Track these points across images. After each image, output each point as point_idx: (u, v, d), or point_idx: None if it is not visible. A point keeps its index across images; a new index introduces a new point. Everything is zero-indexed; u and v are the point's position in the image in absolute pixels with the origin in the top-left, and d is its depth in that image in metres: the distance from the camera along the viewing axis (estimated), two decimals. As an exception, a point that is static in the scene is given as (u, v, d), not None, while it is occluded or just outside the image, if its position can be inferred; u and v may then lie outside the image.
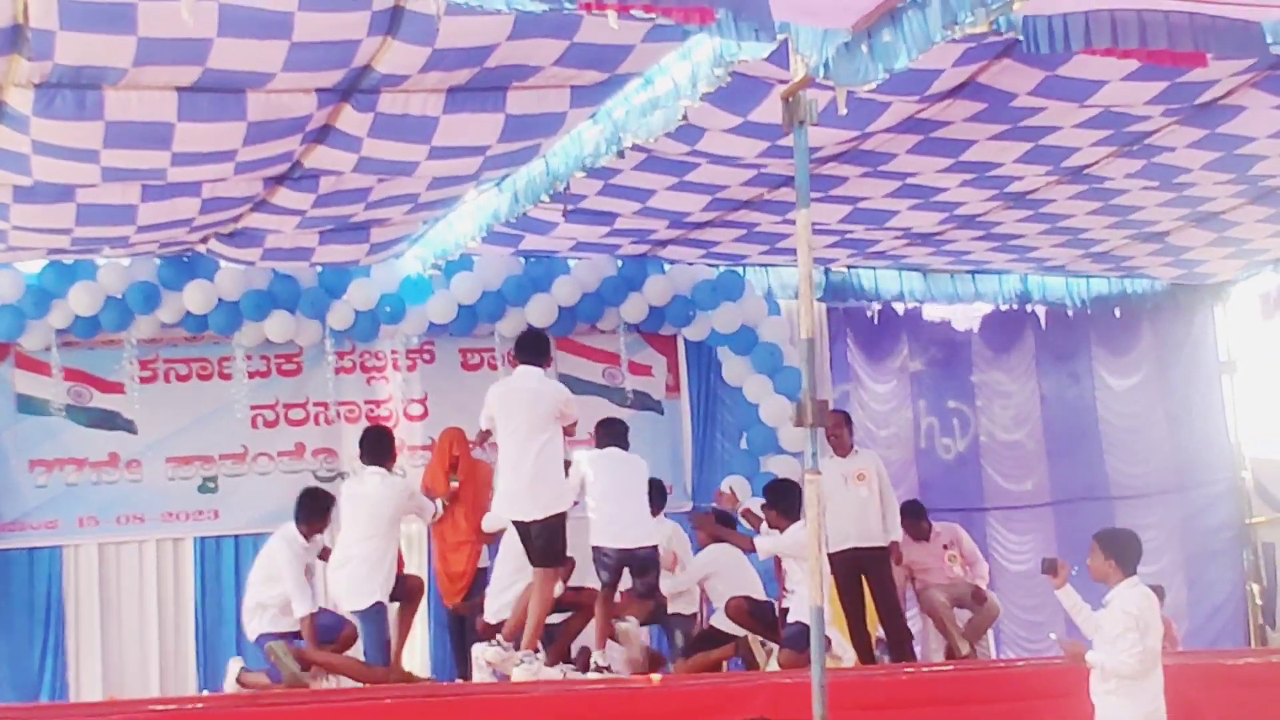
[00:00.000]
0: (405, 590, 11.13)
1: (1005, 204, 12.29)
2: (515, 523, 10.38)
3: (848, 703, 8.34)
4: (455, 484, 11.89)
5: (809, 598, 7.38)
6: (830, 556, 11.31)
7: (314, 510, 11.25)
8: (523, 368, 10.52)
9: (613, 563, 10.66)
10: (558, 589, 10.63)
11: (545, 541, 10.23)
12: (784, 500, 11.47)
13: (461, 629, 12.15)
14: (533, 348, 10.69)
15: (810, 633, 7.44)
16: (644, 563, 10.85)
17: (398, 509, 10.93)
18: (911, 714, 8.68)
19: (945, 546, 12.96)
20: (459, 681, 11.73)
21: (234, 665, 11.17)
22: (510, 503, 10.36)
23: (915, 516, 12.92)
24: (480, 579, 12.03)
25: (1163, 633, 8.66)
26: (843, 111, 7.93)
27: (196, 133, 9.03)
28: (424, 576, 12.08)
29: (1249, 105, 10.11)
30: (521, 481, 10.21)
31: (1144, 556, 8.69)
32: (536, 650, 10.33)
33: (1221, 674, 10.67)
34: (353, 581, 10.65)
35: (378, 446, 11.16)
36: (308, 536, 11.13)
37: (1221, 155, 11.12)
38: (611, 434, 11.15)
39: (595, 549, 10.67)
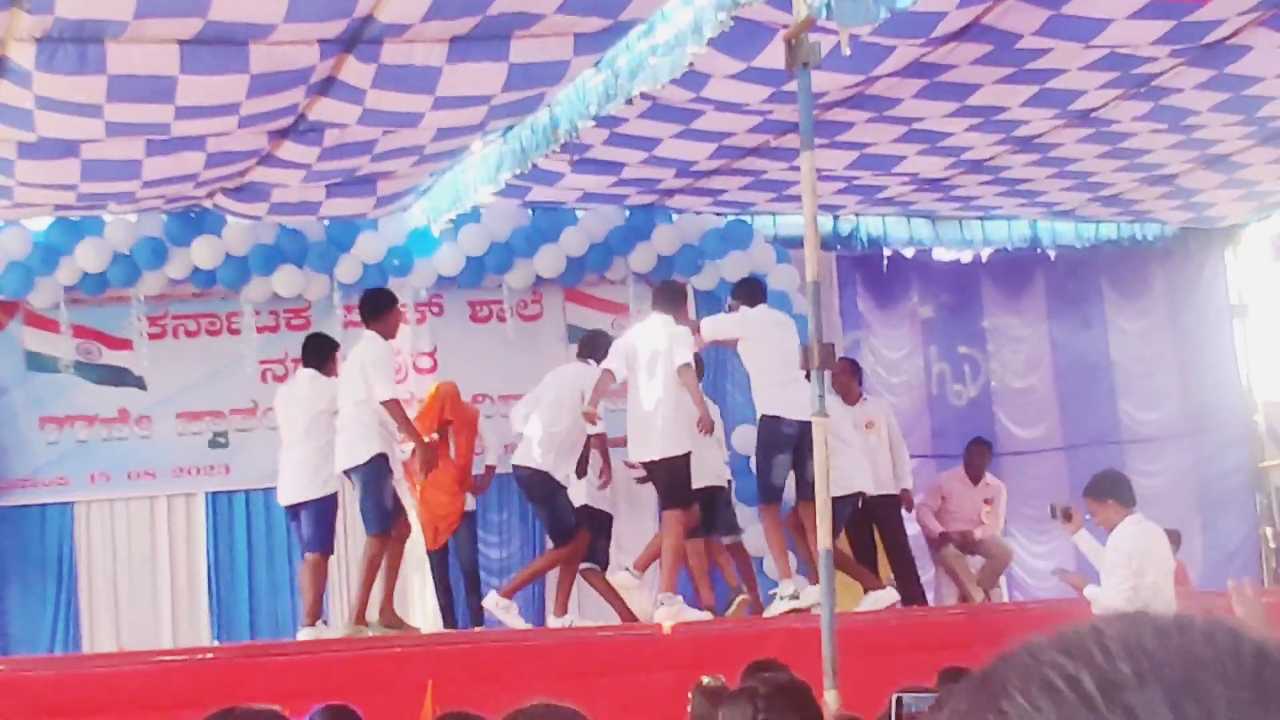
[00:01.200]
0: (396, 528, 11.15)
1: (1013, 148, 12.23)
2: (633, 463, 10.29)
3: (858, 646, 8.36)
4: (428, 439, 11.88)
5: (820, 538, 7.36)
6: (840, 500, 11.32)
7: None
8: (656, 315, 10.59)
9: (792, 435, 10.01)
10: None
11: (667, 482, 10.12)
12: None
13: (444, 570, 12.15)
14: (668, 295, 10.76)
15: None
16: (811, 445, 10.30)
17: (390, 367, 10.97)
18: (922, 657, 8.66)
19: (986, 501, 13.00)
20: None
21: None
22: (632, 442, 10.33)
23: (983, 451, 13.02)
24: (466, 522, 12.08)
25: (1171, 569, 8.69)
26: (846, 52, 7.88)
27: (199, 86, 9.00)
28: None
29: (1256, 45, 10.04)
30: (642, 423, 10.15)
31: (1156, 501, 8.73)
32: (674, 593, 10.25)
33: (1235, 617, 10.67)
34: (355, 436, 10.68)
35: (375, 306, 11.19)
36: None
37: (1230, 96, 11.04)
38: (757, 292, 10.73)
39: (769, 419, 10.13)
